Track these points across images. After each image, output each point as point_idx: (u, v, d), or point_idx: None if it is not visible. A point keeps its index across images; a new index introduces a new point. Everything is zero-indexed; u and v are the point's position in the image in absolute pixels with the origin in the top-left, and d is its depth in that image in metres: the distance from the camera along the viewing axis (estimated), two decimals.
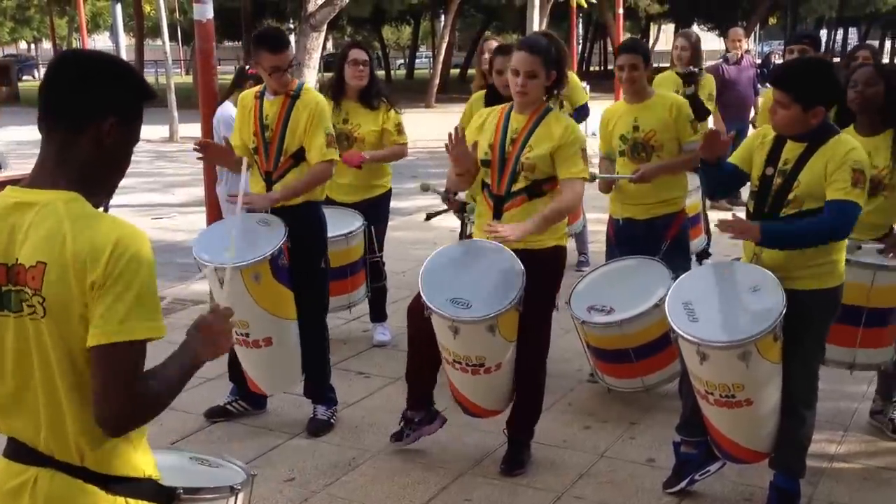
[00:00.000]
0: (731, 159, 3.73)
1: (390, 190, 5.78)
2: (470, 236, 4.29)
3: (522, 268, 3.76)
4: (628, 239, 4.86)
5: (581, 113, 6.54)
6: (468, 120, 4.66)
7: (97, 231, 1.75)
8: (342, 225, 5.36)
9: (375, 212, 5.60)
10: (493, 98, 5.19)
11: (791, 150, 3.50)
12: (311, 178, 4.37)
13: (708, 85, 7.25)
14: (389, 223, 5.94)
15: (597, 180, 4.86)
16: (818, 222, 3.39)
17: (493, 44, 6.06)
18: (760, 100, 8.54)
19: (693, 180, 5.51)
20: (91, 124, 1.80)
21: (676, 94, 5.19)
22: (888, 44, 50.90)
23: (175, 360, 1.87)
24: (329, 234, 5.20)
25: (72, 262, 1.72)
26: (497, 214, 3.92)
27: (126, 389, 1.73)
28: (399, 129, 5.60)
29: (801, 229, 3.42)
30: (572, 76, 6.59)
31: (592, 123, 7.61)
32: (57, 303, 1.74)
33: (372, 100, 5.49)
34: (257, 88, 4.54)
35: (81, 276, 1.72)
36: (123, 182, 2.04)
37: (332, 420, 4.54)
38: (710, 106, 7.11)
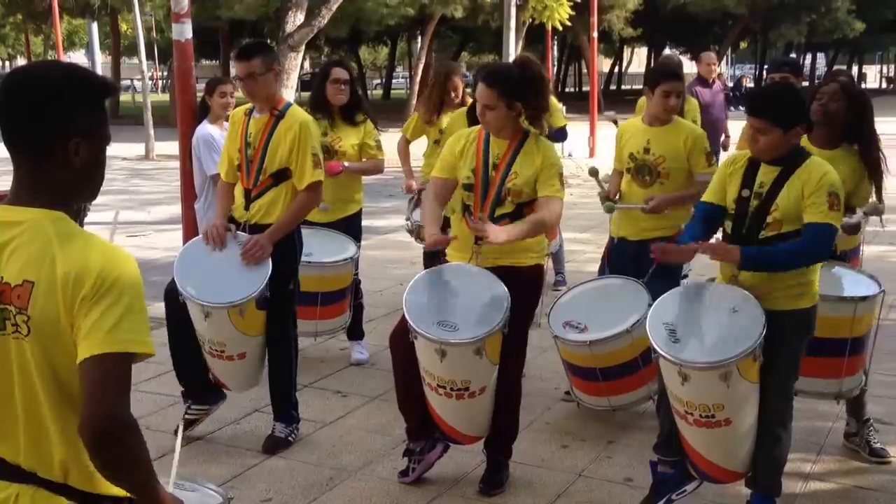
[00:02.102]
0: (705, 197, 3.74)
1: (361, 209, 5.80)
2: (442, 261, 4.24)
3: (506, 290, 3.77)
4: (620, 258, 4.86)
5: (559, 135, 6.59)
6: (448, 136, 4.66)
7: (86, 252, 1.74)
8: (339, 249, 5.40)
9: (350, 230, 5.61)
10: (475, 117, 5.21)
11: (766, 172, 3.54)
12: (300, 207, 4.39)
13: (692, 110, 7.15)
14: (367, 242, 5.96)
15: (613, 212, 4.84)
16: (797, 246, 3.42)
17: (457, 82, 6.07)
18: (730, 123, 8.63)
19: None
20: (54, 152, 1.77)
21: (694, 125, 5.07)
22: (854, 69, 51.82)
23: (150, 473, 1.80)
24: (329, 259, 5.29)
25: (60, 282, 1.72)
26: (479, 238, 3.92)
27: (111, 401, 1.70)
28: (378, 145, 5.67)
29: (781, 253, 3.45)
30: (553, 100, 6.66)
31: (568, 145, 7.65)
32: (43, 322, 1.73)
33: (354, 115, 5.54)
34: (248, 106, 4.55)
35: (69, 296, 1.72)
36: (98, 199, 2.02)
37: (289, 438, 4.51)
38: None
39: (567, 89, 48.87)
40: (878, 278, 4.23)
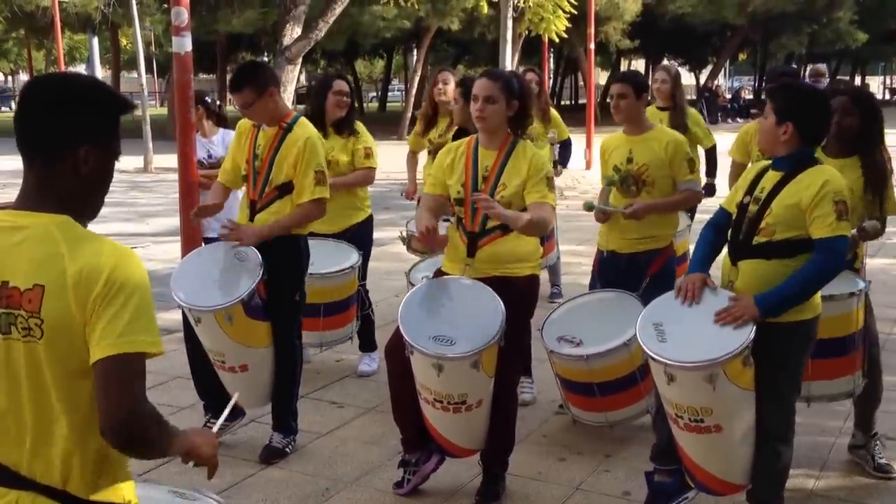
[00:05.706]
0: (724, 203, 3.74)
1: (371, 216, 5.75)
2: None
3: (501, 302, 3.77)
4: (610, 272, 4.80)
5: (565, 148, 6.60)
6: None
7: (95, 252, 1.77)
8: (340, 259, 5.39)
9: (356, 239, 5.58)
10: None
11: (769, 179, 3.52)
12: (301, 216, 4.37)
13: (696, 121, 6.73)
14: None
15: (594, 210, 4.79)
16: (812, 270, 3.35)
17: (448, 76, 6.04)
18: (728, 134, 8.64)
19: (682, 220, 5.48)
20: (64, 157, 1.80)
21: (675, 132, 4.97)
22: (857, 80, 51.75)
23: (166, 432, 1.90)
24: (329, 270, 5.26)
25: (72, 284, 1.74)
26: (471, 251, 3.93)
27: (129, 398, 1.76)
28: (367, 153, 5.56)
29: (796, 285, 3.37)
30: (554, 113, 6.71)
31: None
32: (56, 324, 1.75)
33: (345, 129, 5.53)
34: None
35: (81, 297, 1.74)
36: None
37: (286, 449, 4.51)
38: (710, 140, 6.82)
39: (563, 102, 48.94)
40: (882, 291, 4.13)
